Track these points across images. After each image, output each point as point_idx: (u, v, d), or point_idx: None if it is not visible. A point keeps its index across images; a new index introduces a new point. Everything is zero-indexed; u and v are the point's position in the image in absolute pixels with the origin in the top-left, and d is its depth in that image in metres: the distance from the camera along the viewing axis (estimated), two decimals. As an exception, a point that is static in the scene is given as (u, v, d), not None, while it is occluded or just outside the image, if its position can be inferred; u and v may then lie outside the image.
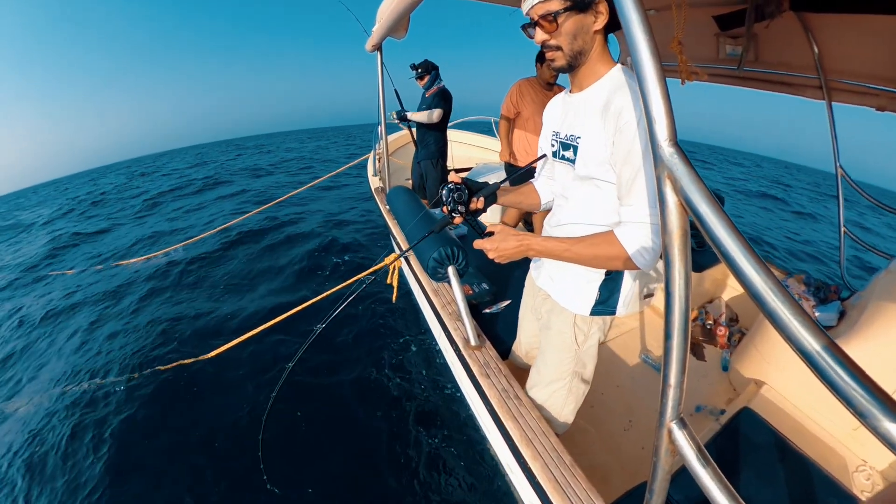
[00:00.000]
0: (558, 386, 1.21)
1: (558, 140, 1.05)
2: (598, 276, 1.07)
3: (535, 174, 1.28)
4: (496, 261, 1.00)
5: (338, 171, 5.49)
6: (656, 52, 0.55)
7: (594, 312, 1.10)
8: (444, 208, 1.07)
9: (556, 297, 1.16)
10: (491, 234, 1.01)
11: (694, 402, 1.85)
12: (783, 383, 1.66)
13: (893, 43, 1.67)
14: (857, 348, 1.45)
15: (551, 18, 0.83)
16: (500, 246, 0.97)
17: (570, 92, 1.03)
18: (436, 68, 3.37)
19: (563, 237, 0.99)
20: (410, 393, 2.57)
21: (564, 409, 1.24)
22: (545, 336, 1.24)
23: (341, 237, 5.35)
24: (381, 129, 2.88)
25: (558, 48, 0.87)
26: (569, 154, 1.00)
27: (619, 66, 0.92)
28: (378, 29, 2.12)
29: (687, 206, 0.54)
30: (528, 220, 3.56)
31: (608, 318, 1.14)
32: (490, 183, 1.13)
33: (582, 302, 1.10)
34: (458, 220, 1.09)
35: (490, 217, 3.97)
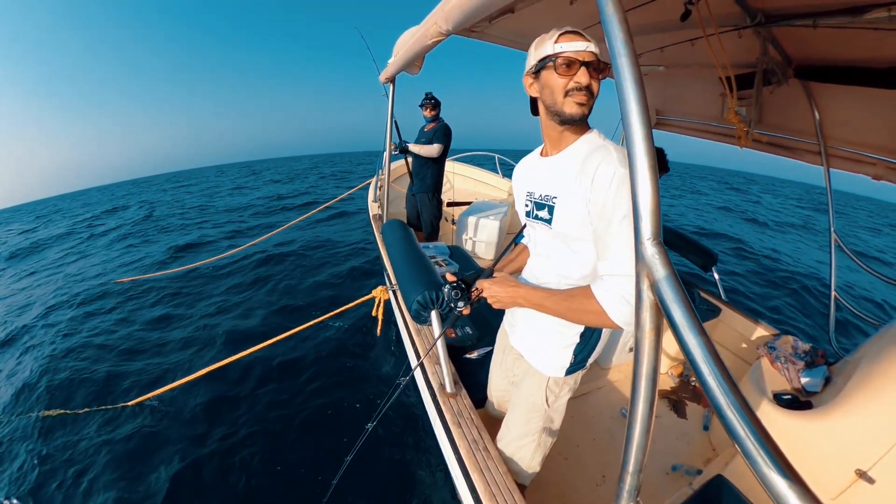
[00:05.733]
0: (526, 441, 1.21)
1: (532, 200, 1.04)
2: (572, 340, 1.05)
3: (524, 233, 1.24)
4: (492, 305, 1.03)
5: (348, 193, 5.73)
6: (652, 147, 0.54)
7: (568, 373, 1.09)
8: (451, 305, 1.07)
9: (530, 359, 1.14)
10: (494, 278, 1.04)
11: (671, 460, 1.80)
12: None
13: (892, 115, 1.69)
14: (840, 418, 1.41)
15: (603, 66, 0.86)
16: (497, 291, 1.01)
17: (542, 155, 1.04)
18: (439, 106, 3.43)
19: (544, 287, 1.00)
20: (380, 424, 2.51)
21: (532, 461, 1.24)
22: (516, 394, 1.22)
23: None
24: (386, 156, 2.90)
25: (592, 95, 0.88)
26: (543, 214, 0.99)
27: (595, 130, 0.95)
28: (394, 62, 2.12)
29: (661, 307, 0.52)
30: None
31: (581, 372, 1.13)
32: (480, 269, 1.16)
33: (556, 365, 1.09)
34: (466, 311, 1.08)
35: (485, 251, 3.92)
